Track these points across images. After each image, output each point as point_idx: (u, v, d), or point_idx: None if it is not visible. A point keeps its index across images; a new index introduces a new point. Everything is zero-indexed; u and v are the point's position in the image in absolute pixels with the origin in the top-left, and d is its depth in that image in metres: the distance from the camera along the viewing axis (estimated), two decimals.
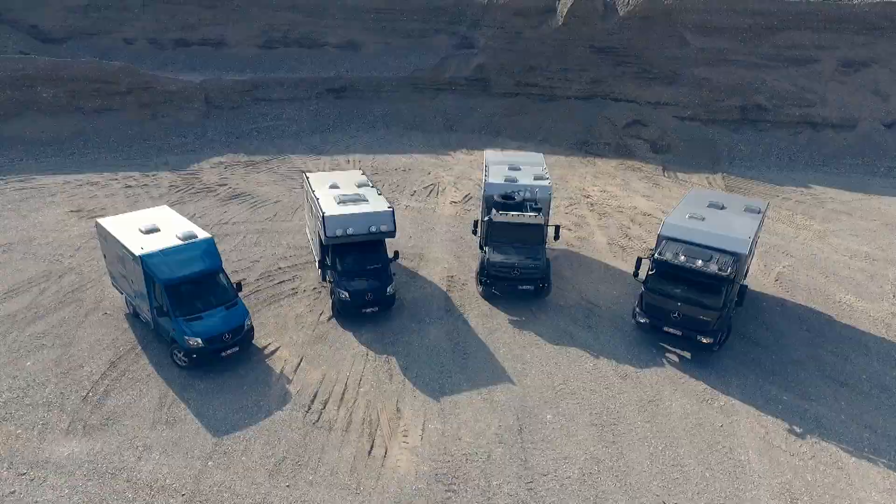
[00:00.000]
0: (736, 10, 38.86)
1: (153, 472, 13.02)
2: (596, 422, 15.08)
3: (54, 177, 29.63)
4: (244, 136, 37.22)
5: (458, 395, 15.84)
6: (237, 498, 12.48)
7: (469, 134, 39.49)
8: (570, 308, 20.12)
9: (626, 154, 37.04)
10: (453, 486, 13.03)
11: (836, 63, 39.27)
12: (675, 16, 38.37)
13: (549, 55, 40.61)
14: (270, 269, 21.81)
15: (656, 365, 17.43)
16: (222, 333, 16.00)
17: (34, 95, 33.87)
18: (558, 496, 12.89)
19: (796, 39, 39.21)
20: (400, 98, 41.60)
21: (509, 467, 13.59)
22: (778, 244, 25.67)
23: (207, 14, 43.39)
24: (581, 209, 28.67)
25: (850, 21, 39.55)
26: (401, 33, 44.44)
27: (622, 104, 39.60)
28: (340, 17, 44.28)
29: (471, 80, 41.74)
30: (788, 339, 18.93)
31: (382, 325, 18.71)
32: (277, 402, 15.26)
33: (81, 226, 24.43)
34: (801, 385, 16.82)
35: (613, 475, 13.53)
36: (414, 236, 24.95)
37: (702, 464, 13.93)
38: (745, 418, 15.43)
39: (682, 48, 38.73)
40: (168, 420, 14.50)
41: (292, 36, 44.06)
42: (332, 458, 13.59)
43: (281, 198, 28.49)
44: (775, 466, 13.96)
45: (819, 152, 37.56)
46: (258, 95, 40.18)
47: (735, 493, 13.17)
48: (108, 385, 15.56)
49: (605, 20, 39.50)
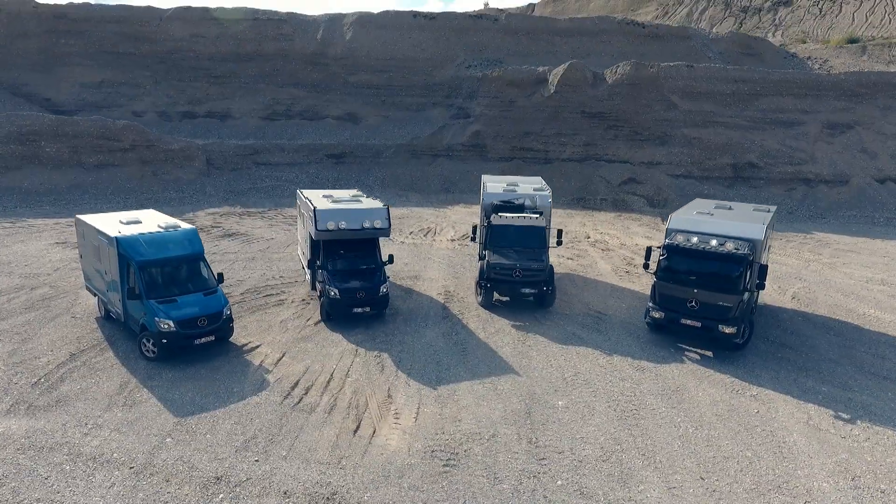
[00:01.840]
0: (718, 77, 40.84)
1: (99, 447, 11.08)
2: (614, 408, 13.23)
3: (45, 219, 29.14)
4: (242, 193, 37.32)
5: (456, 383, 14.08)
6: (194, 471, 10.47)
7: (466, 194, 39.68)
8: (578, 316, 18.70)
9: (623, 208, 37.00)
10: (452, 462, 11.04)
11: (820, 126, 40.57)
12: (660, 82, 40.20)
13: (543, 121, 42.01)
14: (258, 285, 20.59)
15: (676, 361, 15.75)
16: (197, 318, 14.54)
17: (37, 150, 34.36)
18: (577, 472, 10.88)
19: (780, 104, 40.80)
20: (398, 163, 42.37)
21: (518, 445, 11.63)
22: (789, 272, 24.65)
23: (214, 89, 45.47)
24: (582, 245, 27.93)
25: (828, 89, 41.46)
26: (399, 107, 46.31)
27: (616, 164, 40.30)
28: (341, 93, 46.40)
29: (467, 146, 42.80)
30: (817, 342, 17.37)
31: (374, 328, 17.20)
32: (253, 388, 13.48)
33: (64, 253, 23.49)
34: (839, 378, 15.08)
35: (640, 453, 11.56)
36: (410, 263, 23.95)
37: (740, 444, 11.98)
38: (784, 406, 13.59)
39: (671, 111, 40.16)
40: (126, 403, 12.67)
41: (295, 109, 45.84)
42: (312, 437, 11.66)
43: (274, 236, 27.82)
44: (827, 447, 12.00)
45: (816, 206, 37.60)
46: (259, 160, 40.94)
47: (785, 472, 11.15)
48: (63, 374, 13.83)
49: (594, 87, 41.34)
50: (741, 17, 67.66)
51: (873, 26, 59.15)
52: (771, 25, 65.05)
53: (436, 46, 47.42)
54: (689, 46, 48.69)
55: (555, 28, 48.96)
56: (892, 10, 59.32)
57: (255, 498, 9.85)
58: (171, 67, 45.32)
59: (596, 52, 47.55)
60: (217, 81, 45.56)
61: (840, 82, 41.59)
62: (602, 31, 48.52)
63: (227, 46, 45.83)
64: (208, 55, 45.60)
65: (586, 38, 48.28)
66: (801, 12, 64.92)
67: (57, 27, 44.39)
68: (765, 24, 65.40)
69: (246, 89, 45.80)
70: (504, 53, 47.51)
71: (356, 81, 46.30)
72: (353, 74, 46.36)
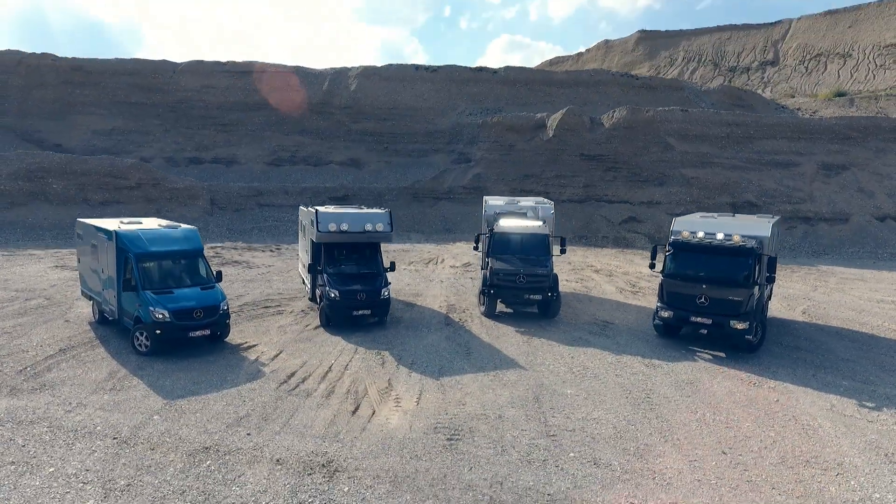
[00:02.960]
0: (712, 121, 41.97)
1: (82, 422, 10.44)
2: (626, 395, 12.56)
3: (46, 249, 29.09)
4: (245, 232, 37.48)
5: (460, 375, 13.47)
6: (182, 443, 9.80)
7: (468, 234, 39.73)
8: (584, 324, 18.20)
9: (624, 245, 37.00)
10: (456, 437, 10.35)
11: (816, 166, 41.24)
12: (656, 125, 41.27)
13: (543, 164, 42.79)
14: (257, 300, 20.20)
15: (688, 360, 15.15)
16: (193, 310, 14.14)
17: (45, 186, 34.81)
18: (590, 446, 10.17)
19: (774, 147, 41.69)
20: (400, 206, 42.71)
21: (526, 424, 10.95)
22: (797, 294, 24.23)
23: (221, 136, 46.68)
24: (586, 272, 27.66)
25: (821, 132, 42.50)
26: (401, 153, 47.36)
27: (616, 205, 40.66)
28: (345, 140, 47.59)
29: (468, 188, 43.37)
30: (832, 346, 16.80)
31: (375, 332, 16.69)
32: (248, 377, 12.89)
33: (62, 274, 23.27)
34: (860, 374, 14.44)
35: (656, 432, 10.86)
36: (412, 284, 23.65)
37: (763, 426, 11.27)
38: (804, 396, 12.92)
39: (668, 152, 40.97)
40: (114, 388, 12.07)
41: (299, 155, 46.85)
42: (308, 416, 11.01)
43: (274, 264, 27.67)
44: (854, 430, 11.28)
45: (818, 242, 37.58)
46: (262, 201, 41.41)
47: (811, 449, 10.42)
48: (51, 364, 13.29)
49: (592, 131, 42.39)
50: (730, 76, 70.45)
51: (858, 82, 61.44)
52: (760, 83, 67.61)
53: (437, 97, 49.09)
54: (682, 96, 50.37)
55: (552, 80, 50.86)
56: (876, 67, 61.80)
57: (245, 465, 9.16)
58: (180, 116, 46.75)
59: (592, 101, 49.14)
60: (224, 129, 46.85)
61: (832, 126, 42.67)
62: (598, 83, 50.36)
63: (236, 96, 47.47)
64: (217, 104, 47.16)
65: (582, 88, 50.05)
66: (788, 71, 67.65)
67: (73, 78, 46.20)
68: (753, 82, 67.98)
69: (252, 136, 47.00)
70: (503, 103, 49.11)
71: (360, 129, 47.60)
72: (357, 122, 47.73)
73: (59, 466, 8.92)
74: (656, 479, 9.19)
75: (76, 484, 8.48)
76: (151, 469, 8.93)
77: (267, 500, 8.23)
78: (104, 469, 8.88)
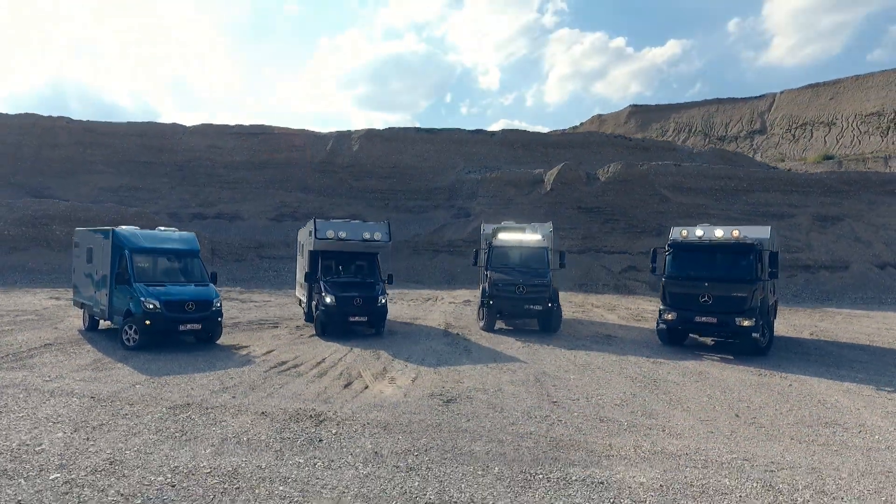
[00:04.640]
0: (705, 174, 42.99)
1: (60, 387, 9.92)
2: (633, 381, 12.00)
3: (42, 288, 28.86)
4: (245, 280, 37.31)
5: (459, 365, 12.94)
6: (162, 400, 9.24)
7: (467, 284, 39.60)
8: (586, 337, 17.70)
9: (625, 292, 36.71)
10: (455, 402, 9.78)
11: (811, 218, 41.73)
12: (651, 178, 42.22)
13: (541, 217, 43.19)
14: (252, 320, 19.79)
15: (695, 359, 14.61)
16: (185, 302, 13.83)
17: (48, 233, 35.10)
18: (596, 408, 9.58)
19: (767, 199, 42.40)
20: (399, 258, 42.80)
21: (527, 394, 10.39)
22: (803, 325, 23.73)
23: (226, 193, 47.63)
24: (587, 307, 27.27)
25: (813, 185, 43.42)
26: (402, 209, 48.10)
27: (615, 255, 40.76)
28: (347, 197, 48.51)
29: (468, 241, 43.59)
30: (843, 352, 16.26)
31: (372, 339, 16.21)
32: (237, 364, 12.38)
33: (57, 303, 22.95)
34: (874, 369, 13.88)
35: (666, 402, 10.28)
36: (410, 311, 23.25)
37: (779, 401, 10.68)
38: (819, 383, 12.34)
39: (664, 204, 41.61)
40: (95, 368, 11.57)
41: (302, 211, 47.46)
42: (298, 387, 10.47)
43: (272, 300, 27.34)
44: (875, 407, 10.66)
45: (820, 289, 37.27)
46: (263, 253, 41.59)
47: (832, 417, 9.80)
48: (33, 353, 12.82)
49: (588, 185, 43.31)
50: (720, 143, 72.91)
51: (845, 146, 63.51)
52: (749, 149, 69.87)
53: (437, 156, 50.60)
54: (674, 156, 51.88)
55: (547, 140, 52.66)
56: (860, 133, 64.11)
57: (229, 416, 8.60)
58: (187, 174, 47.97)
59: (587, 160, 50.55)
60: (229, 186, 47.91)
61: (823, 180, 43.66)
62: (592, 143, 52.10)
63: (242, 156, 48.96)
64: (223, 164, 48.53)
65: (577, 148, 51.69)
66: (776, 138, 70.13)
67: (85, 139, 47.88)
68: (743, 149, 70.24)
69: (256, 193, 47.97)
70: (501, 162, 50.53)
71: (361, 186, 48.67)
72: (359, 180, 48.88)
73: (29, 413, 8.39)
74: (666, 430, 8.60)
75: (46, 424, 7.93)
76: (128, 416, 8.39)
77: (249, 437, 7.66)
78: (77, 416, 8.34)
